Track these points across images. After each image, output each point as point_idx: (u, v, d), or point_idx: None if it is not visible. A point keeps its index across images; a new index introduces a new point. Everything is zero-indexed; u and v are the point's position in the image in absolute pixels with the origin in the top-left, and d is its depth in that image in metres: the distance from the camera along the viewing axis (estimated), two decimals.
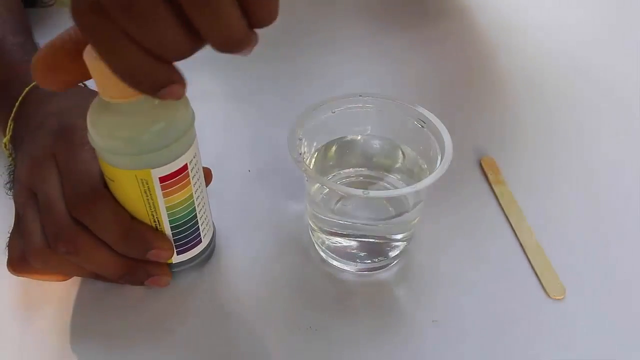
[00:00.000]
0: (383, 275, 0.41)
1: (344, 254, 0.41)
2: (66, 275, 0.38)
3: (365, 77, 0.58)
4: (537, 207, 0.45)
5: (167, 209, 0.34)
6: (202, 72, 0.53)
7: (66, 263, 0.35)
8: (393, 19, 0.66)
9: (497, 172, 0.48)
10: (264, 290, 0.40)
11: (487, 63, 0.61)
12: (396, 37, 0.64)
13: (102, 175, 0.34)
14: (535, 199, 0.46)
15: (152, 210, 0.34)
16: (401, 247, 0.41)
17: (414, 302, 0.40)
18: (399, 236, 0.40)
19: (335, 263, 0.41)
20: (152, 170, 0.32)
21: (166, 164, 0.32)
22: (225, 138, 0.52)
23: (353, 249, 0.41)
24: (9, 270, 0.36)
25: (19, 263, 0.36)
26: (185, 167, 0.34)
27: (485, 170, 0.48)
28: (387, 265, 0.41)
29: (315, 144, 0.41)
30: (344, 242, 0.41)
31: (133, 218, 0.35)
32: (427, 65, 0.60)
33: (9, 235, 0.37)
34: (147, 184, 0.33)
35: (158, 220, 0.35)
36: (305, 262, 0.42)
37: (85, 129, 0.32)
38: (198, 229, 0.37)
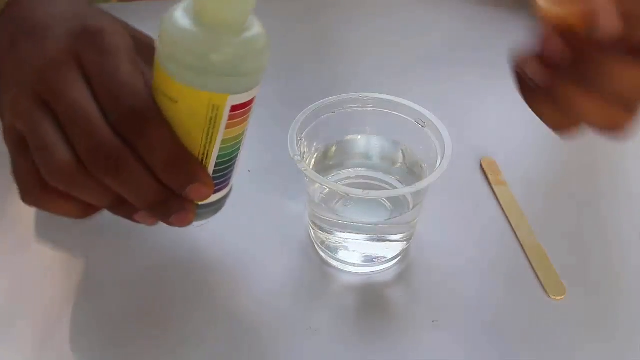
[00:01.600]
0: (383, 275, 0.41)
1: (344, 254, 0.41)
2: (90, 201, 0.31)
3: (366, 77, 0.58)
4: (537, 207, 0.45)
5: (222, 142, 0.31)
6: None
7: (94, 186, 0.30)
8: (393, 19, 0.66)
9: (498, 172, 0.48)
10: (263, 290, 0.40)
11: (488, 62, 0.61)
12: (396, 36, 0.64)
13: (148, 92, 0.30)
14: (535, 199, 0.46)
15: (207, 141, 0.31)
16: (401, 247, 0.41)
17: (414, 302, 0.40)
18: (399, 236, 0.40)
19: (335, 263, 0.41)
20: (230, 97, 0.29)
21: (244, 92, 0.30)
22: None
23: (353, 249, 0.41)
24: (24, 200, 0.31)
25: (34, 188, 0.30)
26: (252, 101, 0.31)
27: (485, 170, 0.48)
28: (387, 265, 0.41)
29: (315, 144, 0.41)
30: (344, 242, 0.41)
31: (183, 145, 0.31)
32: (427, 65, 0.60)
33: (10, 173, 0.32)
34: (217, 110, 0.30)
35: (207, 154, 0.31)
36: (305, 262, 0.42)
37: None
38: (232, 171, 0.35)
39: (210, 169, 0.33)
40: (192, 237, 0.43)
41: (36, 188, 0.30)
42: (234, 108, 0.30)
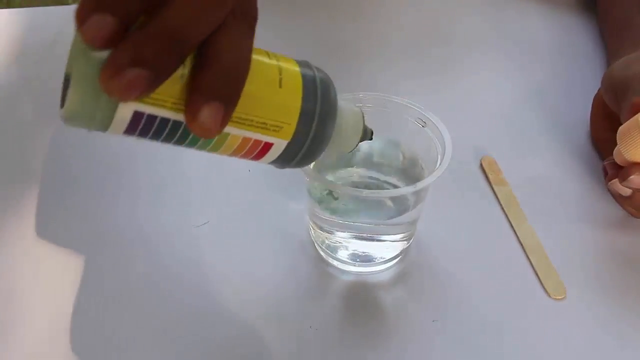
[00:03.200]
0: (383, 275, 0.41)
1: (344, 254, 0.41)
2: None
3: (366, 76, 0.58)
4: (537, 207, 0.45)
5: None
6: None
7: None
8: (393, 19, 0.66)
9: (498, 172, 0.48)
10: (264, 290, 0.40)
11: (488, 63, 0.61)
12: (396, 36, 0.64)
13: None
14: (535, 199, 0.46)
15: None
16: (401, 247, 0.41)
17: (414, 302, 0.40)
18: (399, 236, 0.40)
19: (335, 263, 0.41)
20: (283, 142, 0.28)
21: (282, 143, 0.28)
22: None
23: (353, 249, 0.41)
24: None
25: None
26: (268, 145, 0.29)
27: (485, 170, 0.48)
28: (388, 265, 0.41)
29: None
30: (344, 241, 0.40)
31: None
32: (428, 65, 0.60)
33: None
34: (286, 117, 0.28)
35: None
36: (305, 262, 0.42)
37: None
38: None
39: None
40: (192, 237, 0.43)
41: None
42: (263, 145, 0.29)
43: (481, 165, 0.49)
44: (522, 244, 0.43)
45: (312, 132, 0.28)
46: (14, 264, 0.41)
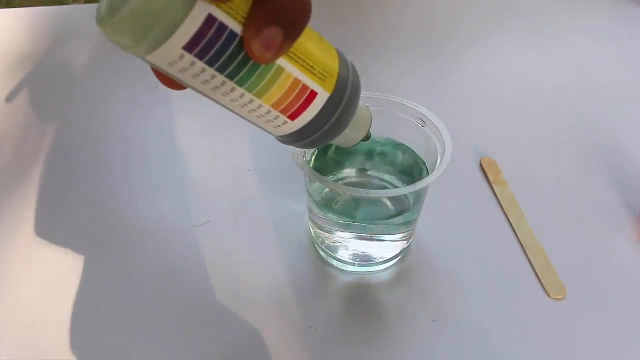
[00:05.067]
0: (383, 275, 0.41)
1: (344, 254, 0.41)
2: None
3: (366, 76, 0.58)
4: (537, 207, 0.45)
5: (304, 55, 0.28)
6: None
7: None
8: (393, 18, 0.66)
9: (498, 172, 0.48)
10: (264, 290, 0.40)
11: (488, 63, 0.61)
12: (396, 36, 0.64)
13: None
14: (535, 199, 0.46)
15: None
16: (401, 247, 0.41)
17: (414, 302, 0.40)
18: (399, 236, 0.40)
19: (335, 262, 0.41)
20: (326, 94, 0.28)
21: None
22: (225, 138, 0.52)
23: (353, 249, 0.41)
24: None
25: None
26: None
27: (485, 170, 0.48)
28: (388, 264, 0.41)
29: None
30: (344, 241, 0.40)
31: None
32: (428, 65, 0.60)
33: None
34: (327, 75, 0.28)
35: None
36: (305, 262, 0.42)
37: None
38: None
39: None
40: (193, 237, 0.43)
41: None
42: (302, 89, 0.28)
43: (481, 165, 0.49)
44: (522, 244, 0.43)
45: (346, 99, 0.29)
46: (12, 265, 0.41)
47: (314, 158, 0.41)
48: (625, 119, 0.54)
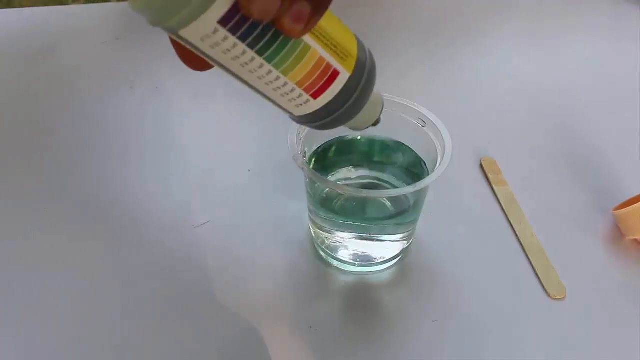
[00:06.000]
0: (383, 275, 0.41)
1: (343, 254, 0.41)
2: None
3: None
4: (537, 207, 0.45)
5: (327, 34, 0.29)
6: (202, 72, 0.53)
7: None
8: (393, 18, 0.66)
9: (498, 172, 0.48)
10: (264, 289, 0.40)
11: (488, 63, 0.61)
12: (396, 36, 0.64)
13: None
14: (535, 199, 0.46)
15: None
16: (401, 247, 0.41)
17: (414, 302, 0.40)
18: (399, 236, 0.40)
19: (335, 262, 0.41)
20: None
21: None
22: (225, 138, 0.52)
23: (353, 249, 0.41)
24: None
25: None
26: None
27: (485, 170, 0.48)
28: (388, 264, 0.41)
29: (315, 144, 0.41)
30: (344, 241, 0.40)
31: None
32: (428, 65, 0.60)
33: None
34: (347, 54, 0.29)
35: None
36: (305, 262, 0.42)
37: None
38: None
39: None
40: (193, 237, 0.43)
41: None
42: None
43: (481, 165, 0.49)
44: (522, 244, 0.43)
45: (364, 79, 0.30)
46: (12, 265, 0.41)
47: (314, 158, 0.41)
48: (625, 119, 0.54)
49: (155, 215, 0.45)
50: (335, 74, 0.28)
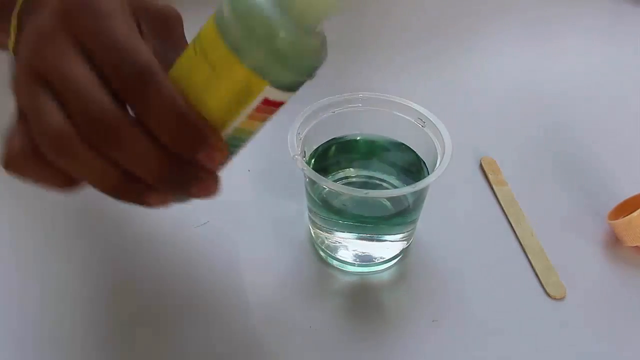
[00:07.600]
0: (383, 275, 0.41)
1: (343, 254, 0.41)
2: (81, 174, 0.29)
3: (366, 76, 0.58)
4: (537, 207, 0.45)
5: (234, 131, 0.30)
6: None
7: (90, 157, 0.27)
8: (392, 18, 0.66)
9: (498, 172, 0.48)
10: (264, 290, 0.40)
11: (488, 63, 0.61)
12: (396, 35, 0.63)
13: (149, 53, 0.27)
14: (535, 199, 0.46)
15: (222, 122, 0.29)
16: (401, 247, 0.41)
17: (414, 302, 0.40)
18: (399, 236, 0.40)
19: (335, 263, 0.41)
20: (267, 87, 0.27)
21: (281, 90, 0.28)
22: None
23: (353, 249, 0.41)
24: (4, 166, 0.29)
25: (19, 155, 0.28)
26: (281, 104, 0.29)
27: (485, 170, 0.48)
28: (387, 265, 0.41)
29: (315, 144, 0.41)
30: (344, 241, 0.40)
31: (191, 106, 0.28)
32: (428, 64, 0.60)
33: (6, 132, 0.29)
34: (247, 94, 0.28)
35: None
36: (305, 262, 0.42)
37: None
38: (231, 158, 0.34)
39: None
40: (192, 237, 0.43)
41: (23, 152, 0.28)
42: (265, 102, 0.28)
43: (481, 165, 0.49)
44: (521, 244, 0.43)
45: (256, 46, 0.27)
46: (12, 264, 0.41)
47: (313, 158, 0.41)
48: (626, 119, 0.54)
49: (155, 215, 0.45)
50: (269, 101, 0.29)
